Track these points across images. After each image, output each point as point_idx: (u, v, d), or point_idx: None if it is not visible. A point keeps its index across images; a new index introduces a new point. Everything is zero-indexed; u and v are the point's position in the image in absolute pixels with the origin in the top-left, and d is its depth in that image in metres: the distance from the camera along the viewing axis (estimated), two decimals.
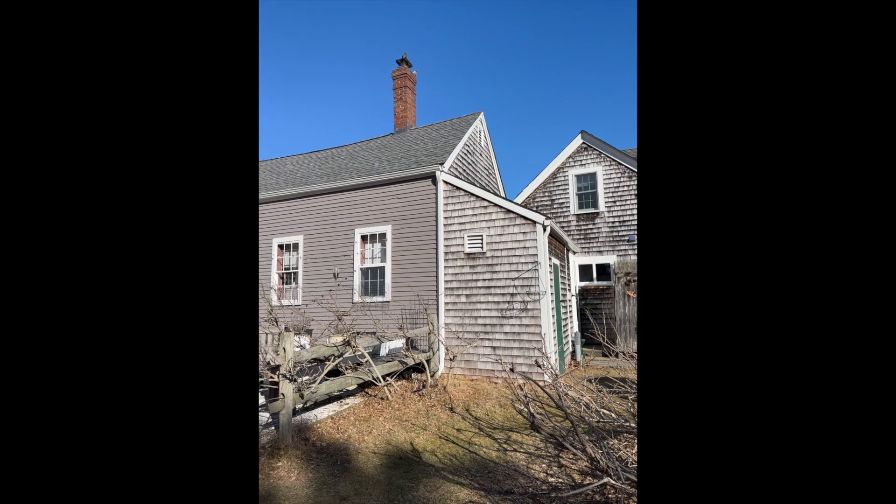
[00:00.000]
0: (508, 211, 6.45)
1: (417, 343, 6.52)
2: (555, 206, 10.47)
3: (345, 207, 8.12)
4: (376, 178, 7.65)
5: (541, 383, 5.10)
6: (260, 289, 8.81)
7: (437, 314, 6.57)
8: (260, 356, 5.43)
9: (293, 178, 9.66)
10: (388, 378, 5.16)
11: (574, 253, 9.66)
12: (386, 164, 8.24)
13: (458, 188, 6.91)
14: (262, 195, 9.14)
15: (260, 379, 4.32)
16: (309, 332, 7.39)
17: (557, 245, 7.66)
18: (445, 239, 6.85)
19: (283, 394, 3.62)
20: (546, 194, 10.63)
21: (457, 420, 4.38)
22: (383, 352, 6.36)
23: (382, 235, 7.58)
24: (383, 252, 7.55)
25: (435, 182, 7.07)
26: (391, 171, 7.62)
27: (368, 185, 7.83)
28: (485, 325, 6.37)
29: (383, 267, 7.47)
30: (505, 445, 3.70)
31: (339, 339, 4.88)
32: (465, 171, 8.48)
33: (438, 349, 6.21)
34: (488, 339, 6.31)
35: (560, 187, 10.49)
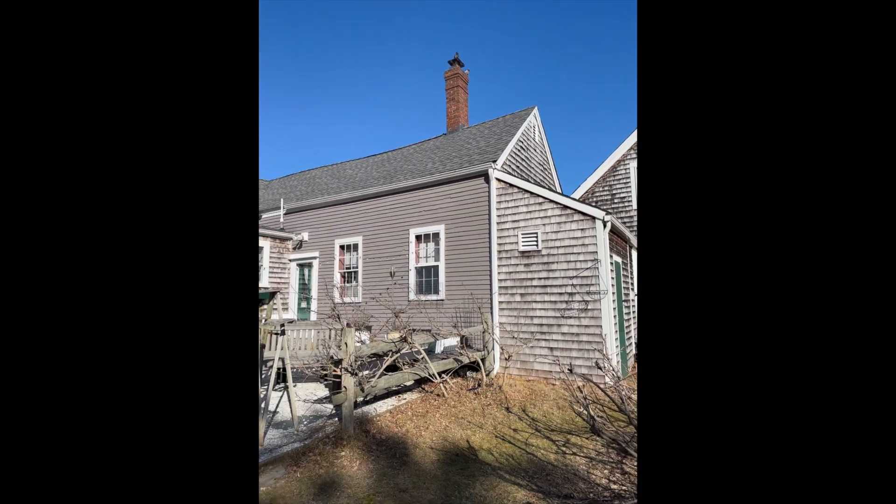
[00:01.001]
0: (565, 207, 6.24)
1: (472, 342, 6.52)
2: (615, 200, 9.94)
3: (400, 208, 8.35)
4: (429, 179, 7.77)
5: (601, 386, 4.87)
6: (325, 287, 9.34)
7: (492, 313, 6.53)
8: (323, 350, 5.75)
9: (352, 182, 10.11)
10: (443, 375, 5.22)
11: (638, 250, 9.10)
12: (438, 164, 8.34)
13: (511, 185, 6.81)
14: (324, 199, 9.68)
15: (323, 372, 4.57)
16: (368, 328, 7.70)
17: (619, 242, 7.27)
18: (499, 237, 6.79)
19: (345, 387, 3.81)
20: (606, 188, 10.13)
21: (513, 420, 4.32)
22: (438, 349, 6.45)
23: (436, 235, 7.69)
24: (437, 251, 7.65)
25: (487, 180, 7.03)
26: (443, 171, 7.70)
27: (421, 186, 7.98)
28: (541, 324, 6.22)
29: (437, 266, 7.58)
30: (563, 448, 3.58)
31: (396, 335, 5.03)
32: (518, 167, 8.34)
33: (493, 348, 6.17)
34: (545, 340, 6.15)
35: (621, 181, 9.93)
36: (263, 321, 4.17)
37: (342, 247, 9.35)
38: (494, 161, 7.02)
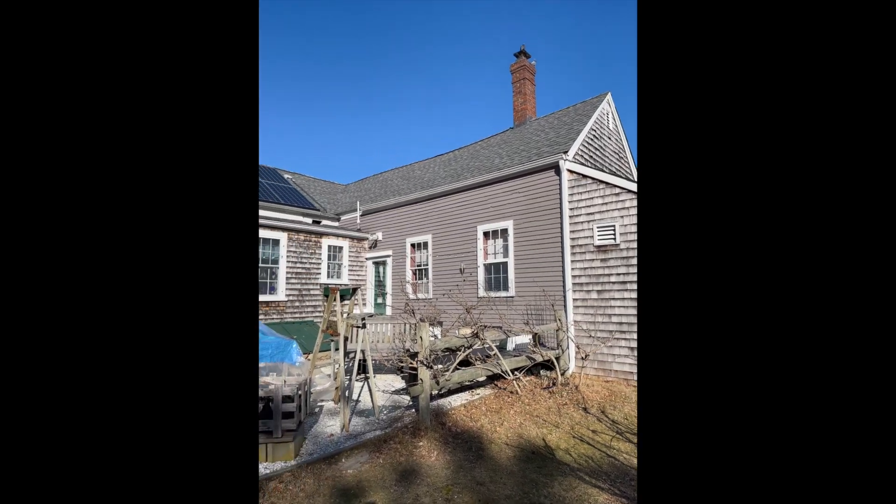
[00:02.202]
0: None
1: (545, 340, 6.37)
2: None
3: (467, 206, 8.40)
4: (496, 175, 7.72)
5: None
6: (398, 283, 9.75)
7: (565, 310, 6.31)
8: (399, 343, 6.01)
9: (421, 182, 10.40)
10: (516, 372, 5.17)
11: None
12: (506, 158, 8.24)
13: (584, 176, 6.50)
14: (395, 199, 10.08)
15: (400, 364, 4.79)
16: (440, 323, 7.89)
17: None
18: (571, 231, 6.52)
19: (421, 379, 3.95)
20: None
21: (591, 421, 4.14)
22: (509, 346, 6.40)
23: (504, 231, 7.61)
24: (505, 247, 7.58)
25: (558, 172, 6.79)
26: (511, 165, 7.59)
27: (488, 183, 7.96)
28: (620, 323, 5.87)
29: (506, 262, 7.50)
30: None
31: (467, 330, 5.09)
32: (591, 157, 7.93)
33: (568, 347, 5.96)
34: (625, 339, 5.79)
35: None
36: (346, 315, 4.47)
37: (413, 245, 9.67)
38: (565, 152, 6.75)
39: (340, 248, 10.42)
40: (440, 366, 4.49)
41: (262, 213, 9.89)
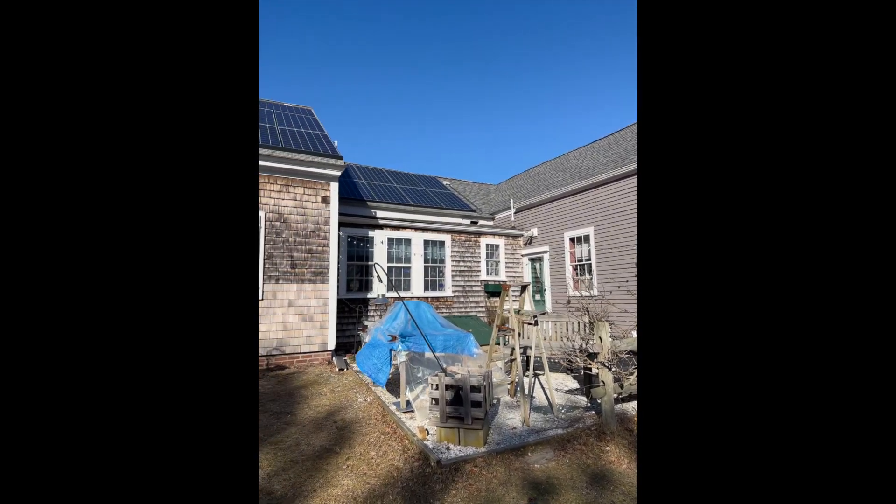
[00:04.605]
0: None
1: None
2: None
3: (634, 192, 7.59)
4: None
5: None
6: (557, 279, 9.50)
7: None
8: (566, 341, 5.83)
9: (578, 172, 9.88)
10: None
11: None
12: None
13: None
14: (550, 193, 9.83)
15: (570, 363, 4.63)
16: (611, 322, 7.35)
17: None
18: None
19: (603, 381, 3.73)
20: None
21: None
22: None
23: None
24: None
25: None
26: None
27: None
28: None
29: None
30: None
31: None
32: None
33: None
34: None
35: None
36: (517, 311, 4.57)
37: (572, 239, 9.26)
38: None
39: (497, 245, 10.74)
40: (615, 368, 4.17)
41: (427, 217, 10.96)
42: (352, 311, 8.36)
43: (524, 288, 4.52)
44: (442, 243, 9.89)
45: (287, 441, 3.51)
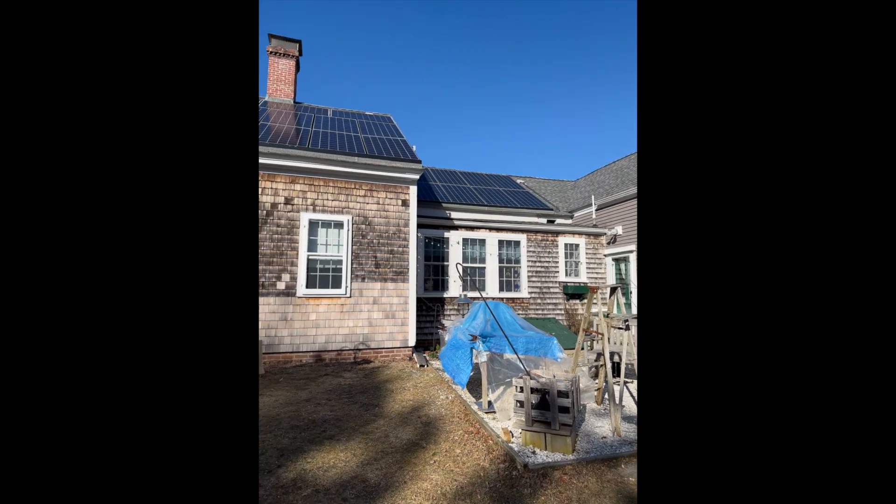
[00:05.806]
0: None
1: None
2: None
3: None
4: None
5: None
6: None
7: None
8: None
9: None
10: None
11: None
12: None
13: None
14: (635, 189, 9.16)
15: None
16: None
17: None
18: None
19: None
20: None
21: None
22: None
23: None
24: None
25: None
26: None
27: None
28: None
29: None
30: None
31: None
32: None
33: None
34: None
35: None
36: (605, 315, 4.31)
37: None
38: None
39: (576, 245, 10.26)
40: None
41: (501, 217, 10.85)
42: (429, 309, 8.59)
43: (613, 290, 4.25)
44: (517, 243, 9.72)
45: (377, 432, 3.70)
